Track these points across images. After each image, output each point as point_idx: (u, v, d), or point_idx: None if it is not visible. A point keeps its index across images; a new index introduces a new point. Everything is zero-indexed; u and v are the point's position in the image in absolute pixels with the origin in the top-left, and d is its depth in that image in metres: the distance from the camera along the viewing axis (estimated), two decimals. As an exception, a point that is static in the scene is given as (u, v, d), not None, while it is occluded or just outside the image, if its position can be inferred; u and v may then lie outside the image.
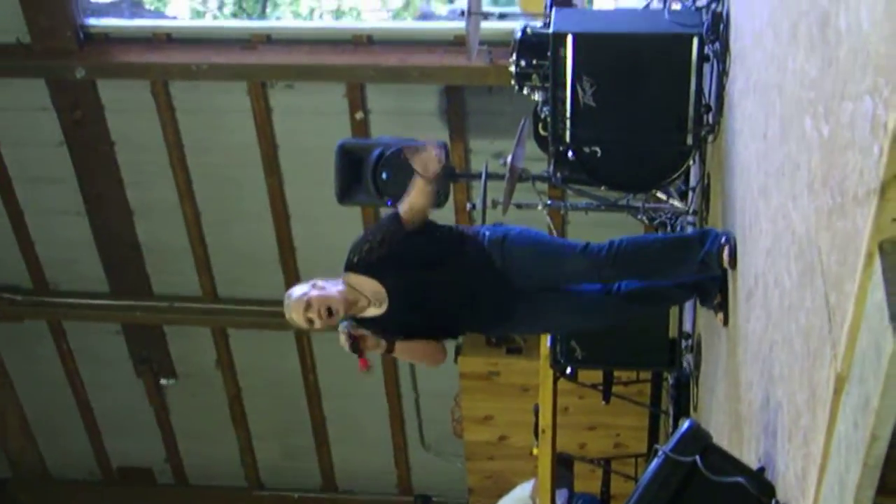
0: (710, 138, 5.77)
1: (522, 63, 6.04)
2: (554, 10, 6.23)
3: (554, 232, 7.92)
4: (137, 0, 20.63)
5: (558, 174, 6.12)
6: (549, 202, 7.37)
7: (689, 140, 5.73)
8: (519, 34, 6.07)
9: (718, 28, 5.40)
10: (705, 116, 5.71)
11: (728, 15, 5.35)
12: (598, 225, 8.00)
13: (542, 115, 6.15)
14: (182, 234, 10.02)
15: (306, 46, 9.05)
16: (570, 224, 8.94)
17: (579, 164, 5.90)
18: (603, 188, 6.33)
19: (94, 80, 9.26)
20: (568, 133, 5.72)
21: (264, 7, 21.76)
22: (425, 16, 22.51)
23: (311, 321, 4.65)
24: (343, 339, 4.74)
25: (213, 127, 9.35)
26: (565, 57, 5.60)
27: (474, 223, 8.70)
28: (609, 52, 5.70)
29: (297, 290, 4.72)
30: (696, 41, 5.47)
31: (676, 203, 6.61)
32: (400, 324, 4.86)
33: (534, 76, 6.03)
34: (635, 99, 5.68)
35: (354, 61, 8.91)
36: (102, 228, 10.23)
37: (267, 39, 9.08)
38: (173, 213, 9.91)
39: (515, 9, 8.71)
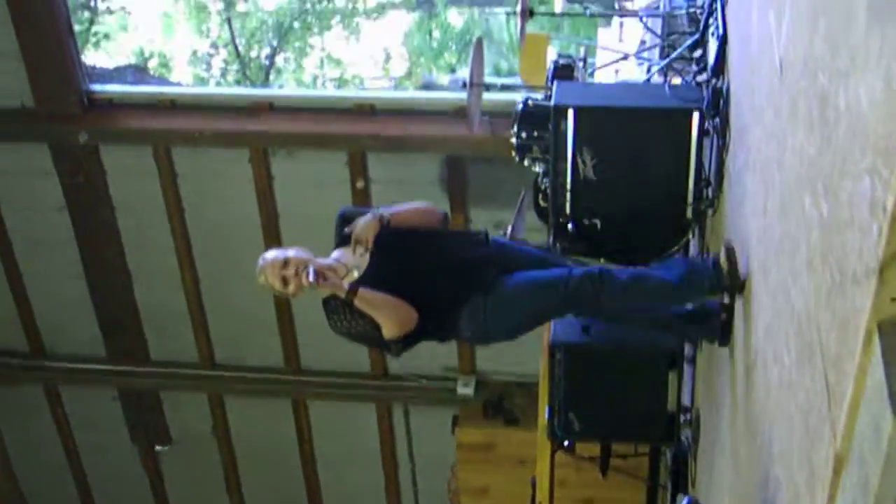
0: (710, 212, 5.77)
1: (523, 134, 6.05)
2: (555, 82, 6.26)
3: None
4: (142, 66, 20.82)
5: (558, 245, 6.12)
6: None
7: (689, 214, 5.73)
8: (520, 106, 6.09)
9: (719, 103, 5.42)
10: (705, 190, 5.72)
11: (728, 90, 5.37)
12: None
13: (543, 187, 6.16)
14: (180, 299, 10.01)
15: (309, 115, 9.10)
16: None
17: (579, 235, 5.89)
18: (602, 260, 6.32)
19: (96, 144, 9.31)
20: (568, 205, 5.72)
21: (268, 75, 21.97)
22: (427, 85, 22.67)
23: (285, 280, 4.47)
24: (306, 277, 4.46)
25: (214, 193, 9.38)
26: (566, 129, 5.62)
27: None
28: (610, 125, 5.72)
29: (273, 252, 4.61)
30: (696, 116, 5.49)
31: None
32: (378, 280, 4.60)
33: (534, 148, 6.04)
34: (636, 172, 5.69)
35: (356, 130, 8.96)
36: (101, 292, 10.21)
37: (270, 107, 9.14)
38: (172, 278, 9.90)
39: (517, 79, 8.78)
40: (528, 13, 8.16)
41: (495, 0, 26.35)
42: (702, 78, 5.92)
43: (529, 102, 6.13)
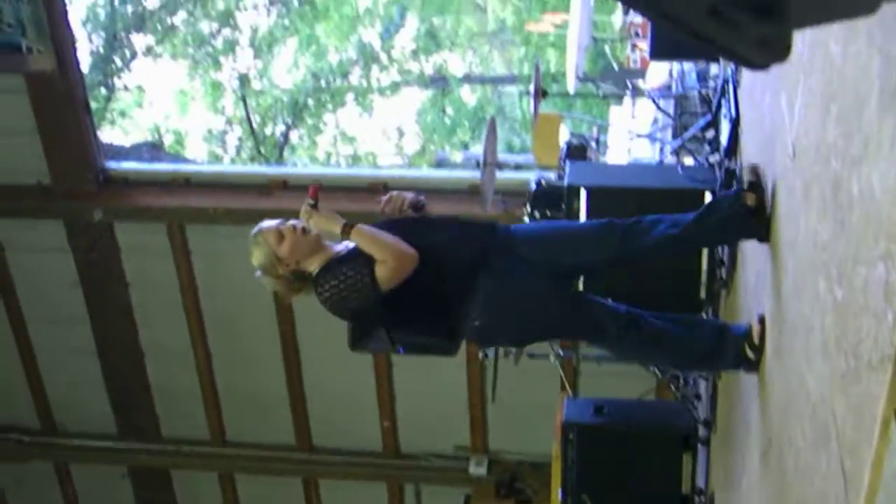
0: (724, 292, 5.77)
1: (537, 214, 6.08)
2: (568, 162, 6.30)
3: (568, 389, 7.89)
4: (157, 143, 20.99)
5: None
6: (560, 353, 7.34)
7: (703, 293, 5.73)
8: (534, 185, 6.13)
9: (731, 184, 5.45)
10: (718, 271, 5.72)
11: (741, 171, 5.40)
12: (611, 376, 7.96)
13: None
14: (192, 377, 9.98)
15: (322, 193, 9.13)
16: (581, 375, 8.88)
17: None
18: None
19: (111, 222, 9.35)
20: (581, 285, 5.73)
21: (282, 151, 22.15)
22: (441, 162, 22.76)
23: (281, 235, 4.37)
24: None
25: (228, 271, 9.38)
26: (579, 209, 5.65)
27: (486, 371, 8.67)
28: (622, 205, 5.74)
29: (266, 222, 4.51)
30: (708, 196, 5.51)
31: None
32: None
33: (547, 227, 6.06)
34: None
35: (370, 208, 8.96)
36: (113, 369, 10.20)
37: (284, 185, 9.18)
38: (185, 356, 9.89)
39: (530, 158, 8.82)
40: (541, 94, 8.24)
41: (508, 77, 26.57)
42: (714, 159, 5.95)
43: (543, 182, 6.16)
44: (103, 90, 19.64)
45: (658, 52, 7.24)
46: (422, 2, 27.37)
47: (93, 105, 10.04)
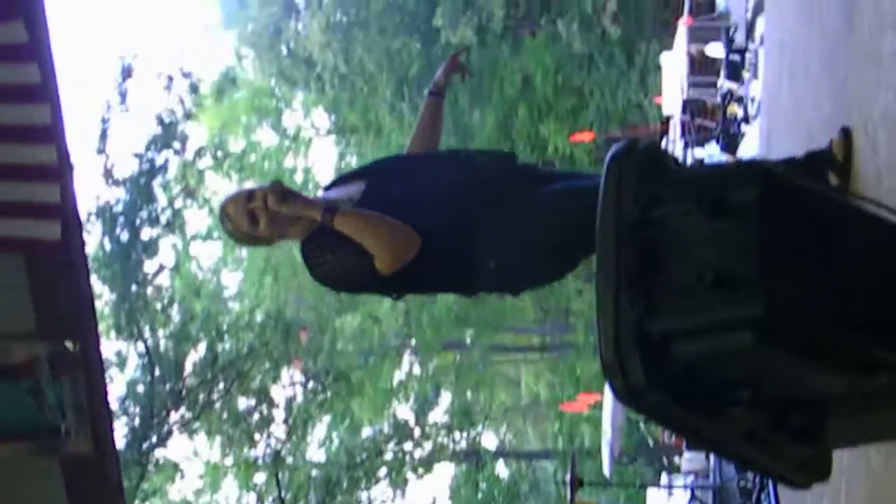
0: None
1: None
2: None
3: None
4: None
5: None
6: None
7: None
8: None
9: None
10: None
11: None
12: None
13: None
14: None
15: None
16: None
17: None
18: None
19: None
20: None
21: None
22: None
23: (253, 216, 3.61)
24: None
25: None
26: None
27: None
28: None
29: (235, 191, 3.92)
30: None
31: None
32: (374, 199, 3.65)
33: None
34: None
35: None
36: None
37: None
38: None
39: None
40: (577, 482, 8.18)
41: (542, 453, 26.55)
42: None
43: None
44: (138, 468, 19.66)
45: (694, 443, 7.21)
46: (456, 378, 27.81)
47: (125, 483, 9.98)
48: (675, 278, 1.81)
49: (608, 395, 11.24)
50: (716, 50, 14.80)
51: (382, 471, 22.45)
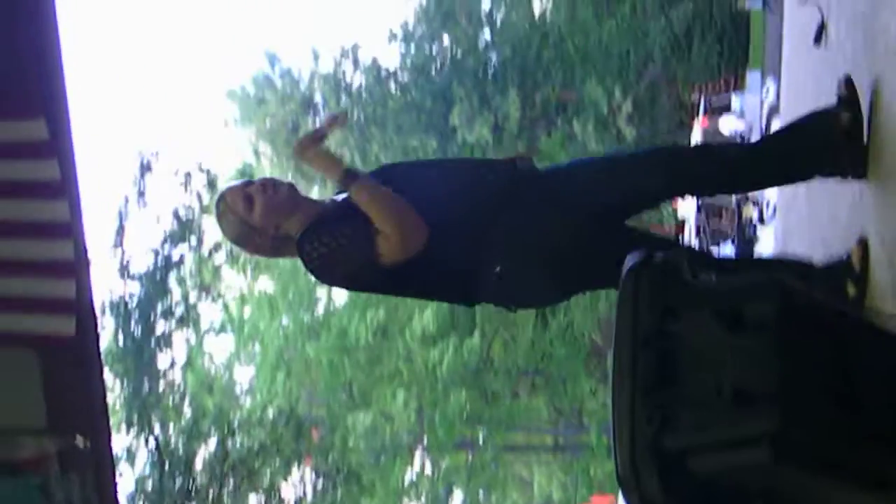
0: None
1: None
2: None
3: None
4: None
5: None
6: None
7: None
8: None
9: None
10: None
11: None
12: None
13: None
14: None
15: None
16: None
17: None
18: None
19: None
20: None
21: None
22: None
23: (250, 198, 3.47)
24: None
25: None
26: None
27: None
28: None
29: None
30: None
31: None
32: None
33: None
34: None
35: None
36: None
37: None
38: None
39: None
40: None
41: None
42: None
43: None
44: None
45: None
46: (468, 477, 27.56)
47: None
48: (692, 391, 1.82)
49: (622, 500, 11.11)
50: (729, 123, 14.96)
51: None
